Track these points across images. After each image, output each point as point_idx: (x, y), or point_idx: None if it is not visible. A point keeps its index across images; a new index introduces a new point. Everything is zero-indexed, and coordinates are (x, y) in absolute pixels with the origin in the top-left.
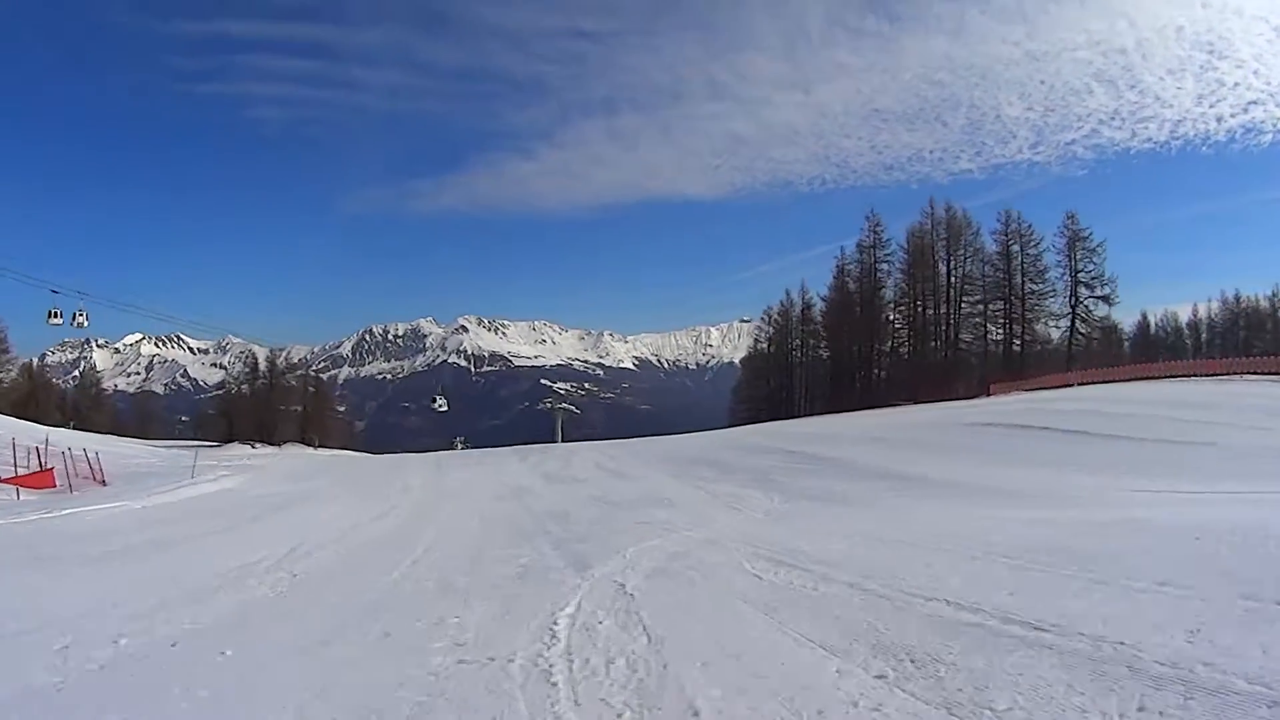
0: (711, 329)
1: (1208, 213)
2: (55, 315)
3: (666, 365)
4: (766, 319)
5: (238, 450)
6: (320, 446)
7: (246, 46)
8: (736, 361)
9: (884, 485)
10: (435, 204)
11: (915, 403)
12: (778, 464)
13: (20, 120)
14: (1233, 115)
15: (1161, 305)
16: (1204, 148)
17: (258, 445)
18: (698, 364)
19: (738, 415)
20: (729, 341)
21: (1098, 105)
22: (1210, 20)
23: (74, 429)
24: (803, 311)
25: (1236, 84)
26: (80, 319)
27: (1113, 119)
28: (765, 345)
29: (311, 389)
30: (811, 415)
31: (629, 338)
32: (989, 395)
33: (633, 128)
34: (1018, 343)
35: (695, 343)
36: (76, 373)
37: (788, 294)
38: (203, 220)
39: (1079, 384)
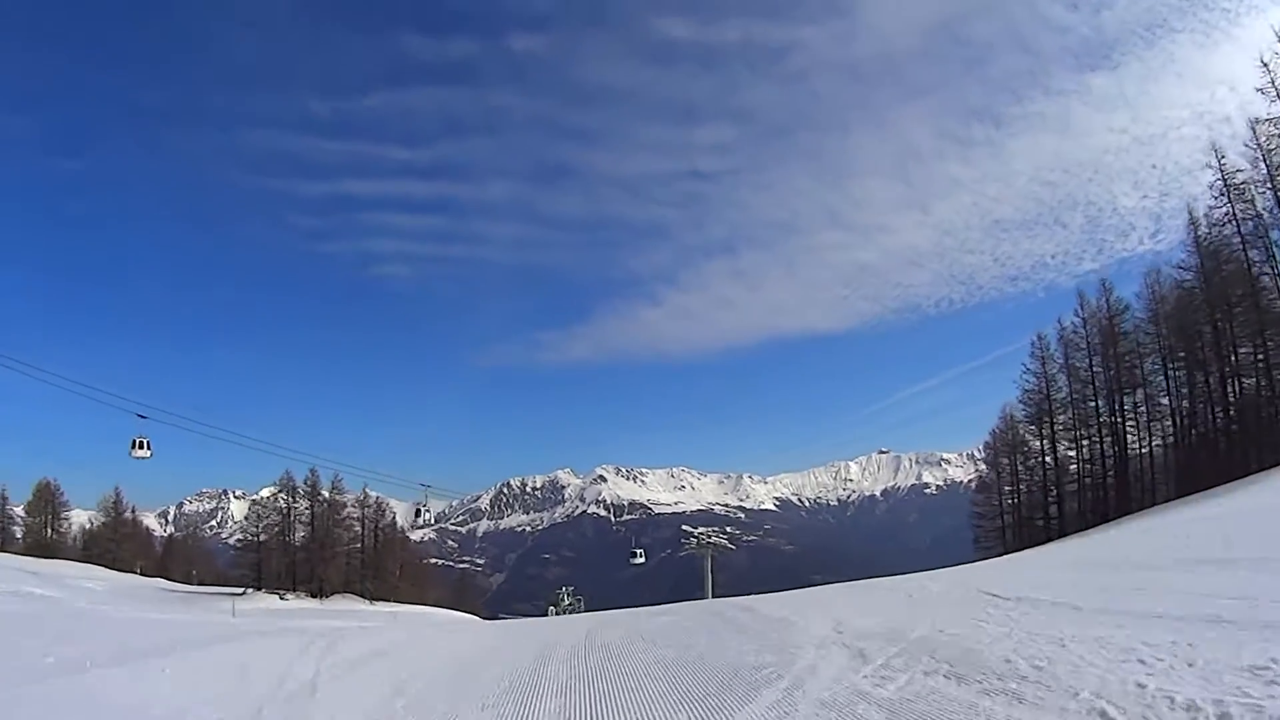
0: (850, 463)
1: None
2: (140, 446)
3: (807, 504)
4: (1039, 351)
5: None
6: (383, 600)
7: (370, 204)
8: (878, 494)
9: None
10: (566, 355)
11: None
12: None
13: (152, 278)
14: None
15: None
16: None
17: (289, 596)
18: (839, 500)
19: (986, 536)
20: (869, 474)
21: (1212, 181)
22: None
23: None
24: (1109, 320)
25: None
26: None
27: (1226, 195)
28: (1034, 402)
29: (374, 529)
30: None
31: (768, 479)
32: None
33: (755, 265)
34: None
35: (835, 479)
36: (214, 522)
37: (1081, 297)
38: (337, 377)
39: None
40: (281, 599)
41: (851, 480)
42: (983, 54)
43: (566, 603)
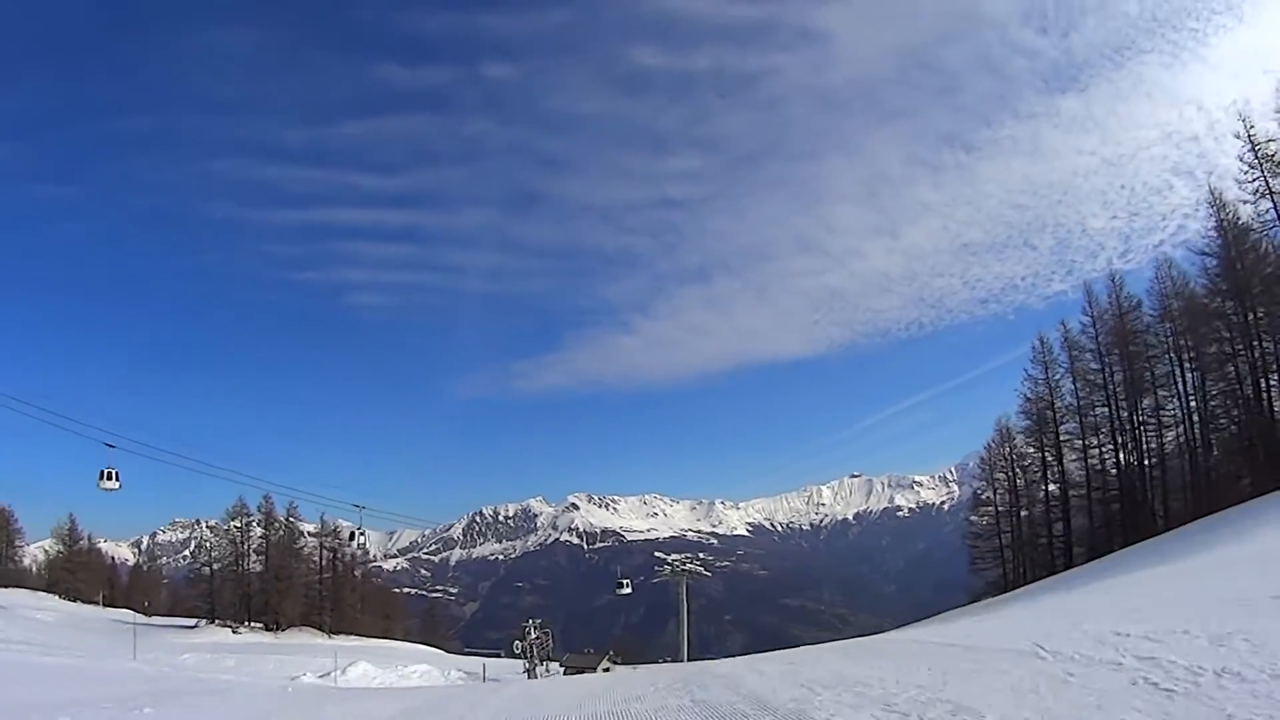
0: (823, 487)
1: None
2: (109, 477)
3: (780, 529)
4: (1041, 356)
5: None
6: (343, 633)
7: (345, 233)
8: (850, 517)
9: None
10: (539, 383)
11: None
12: None
13: (125, 306)
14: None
15: None
16: None
17: (241, 629)
18: (811, 524)
19: (984, 557)
20: (841, 498)
21: (1180, 200)
22: (1276, 87)
23: None
24: (1120, 318)
25: None
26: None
27: (1196, 211)
28: (1036, 411)
29: (333, 558)
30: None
31: (740, 504)
32: None
33: (727, 292)
34: None
35: (807, 503)
36: (187, 552)
37: (1089, 294)
38: (307, 408)
39: None
40: (234, 632)
41: (824, 504)
42: (953, 80)
43: (533, 636)
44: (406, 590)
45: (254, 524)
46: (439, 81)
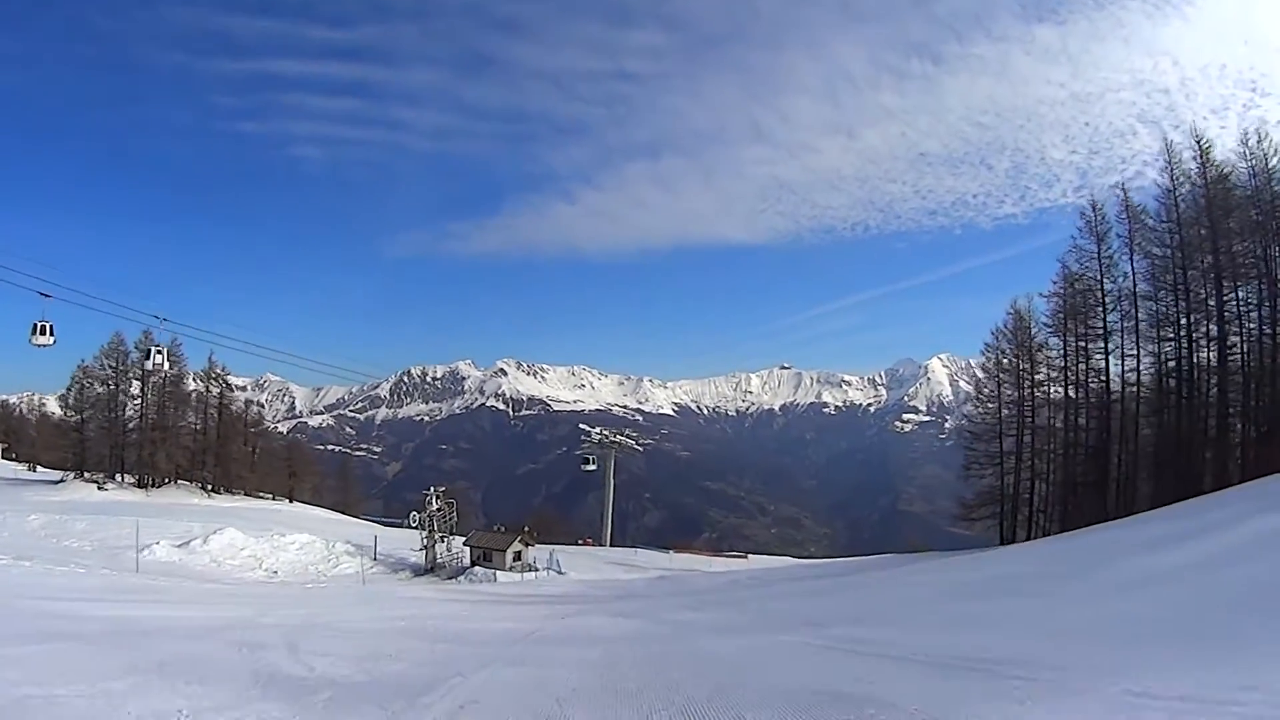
0: (751, 376)
1: None
2: (42, 331)
3: (706, 412)
4: (1094, 226)
5: None
6: (229, 491)
7: (290, 85)
8: (777, 408)
9: None
10: (475, 246)
11: None
12: None
13: (64, 155)
14: (1276, 155)
15: None
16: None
17: (109, 485)
18: (737, 411)
19: (980, 462)
20: (769, 388)
21: (1142, 146)
22: (1252, 58)
23: None
24: (1206, 189)
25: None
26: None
27: (1156, 161)
28: (1078, 292)
29: (219, 404)
30: None
31: (668, 384)
32: None
33: (675, 171)
34: None
35: (735, 389)
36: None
37: (1169, 151)
38: (240, 258)
39: None
40: (100, 488)
41: (751, 392)
42: None
43: (435, 507)
44: (331, 447)
45: (131, 364)
46: None
